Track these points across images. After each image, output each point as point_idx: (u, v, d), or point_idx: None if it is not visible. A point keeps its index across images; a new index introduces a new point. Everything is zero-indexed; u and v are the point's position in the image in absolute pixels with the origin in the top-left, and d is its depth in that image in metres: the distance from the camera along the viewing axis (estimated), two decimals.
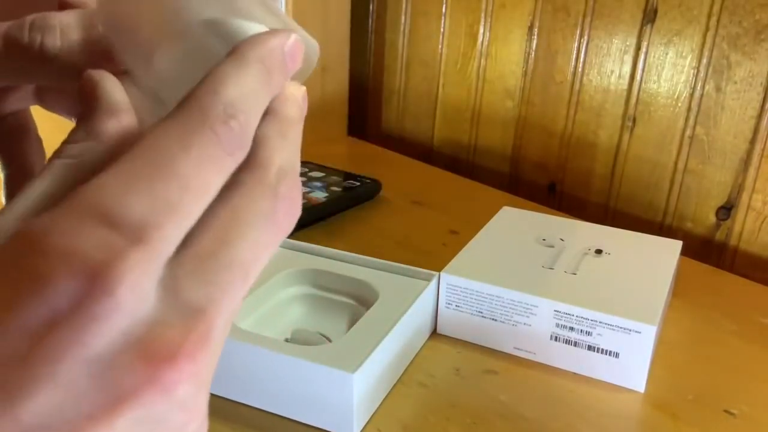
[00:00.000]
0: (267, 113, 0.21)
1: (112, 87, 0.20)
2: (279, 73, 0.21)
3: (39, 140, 0.28)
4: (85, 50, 0.22)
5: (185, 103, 0.19)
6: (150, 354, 0.17)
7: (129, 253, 0.16)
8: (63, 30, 0.22)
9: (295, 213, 0.20)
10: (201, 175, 0.18)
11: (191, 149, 0.18)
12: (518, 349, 0.50)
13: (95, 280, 0.16)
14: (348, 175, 0.78)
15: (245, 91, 0.19)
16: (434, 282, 0.51)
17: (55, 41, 0.22)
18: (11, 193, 0.27)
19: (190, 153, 0.18)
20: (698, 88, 0.70)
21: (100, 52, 0.22)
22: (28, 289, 0.16)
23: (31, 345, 0.16)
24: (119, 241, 0.16)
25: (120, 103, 0.20)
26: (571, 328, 0.47)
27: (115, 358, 0.16)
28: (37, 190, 0.19)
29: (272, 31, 0.21)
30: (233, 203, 0.19)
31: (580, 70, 0.79)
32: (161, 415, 0.17)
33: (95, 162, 0.19)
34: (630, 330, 0.46)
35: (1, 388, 0.15)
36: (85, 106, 0.20)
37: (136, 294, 0.16)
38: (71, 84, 0.22)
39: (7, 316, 0.16)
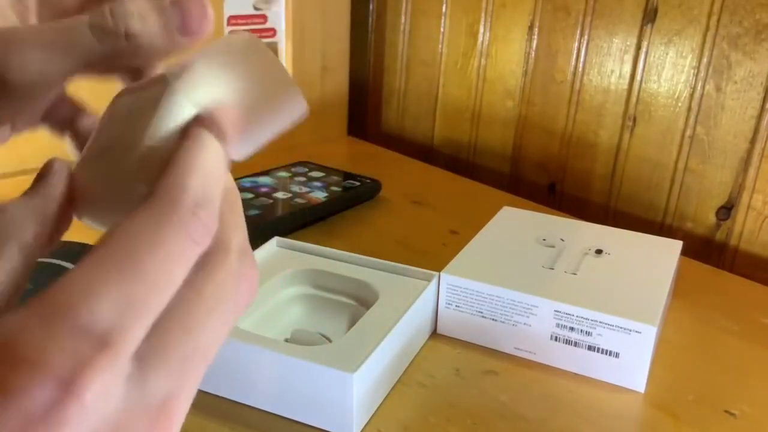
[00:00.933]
0: None
1: (60, 177, 0.22)
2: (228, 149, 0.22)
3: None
4: (163, 32, 0.23)
5: (155, 199, 0.19)
6: None
7: (96, 360, 0.17)
8: (141, 15, 0.23)
9: (254, 290, 0.21)
10: (169, 270, 0.19)
11: (161, 247, 0.18)
12: (518, 349, 0.50)
13: (65, 388, 0.17)
14: (348, 175, 0.78)
15: (209, 177, 0.20)
16: (434, 282, 0.51)
17: (136, 25, 0.23)
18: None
19: (159, 251, 0.18)
20: (698, 87, 0.70)
21: (173, 32, 0.23)
22: (1, 397, 0.16)
23: None
24: (87, 348, 0.17)
25: (61, 195, 0.22)
26: (571, 328, 0.47)
27: None
28: None
29: (217, 109, 0.22)
30: (198, 289, 0.19)
31: (580, 69, 0.79)
32: None
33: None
34: (630, 330, 0.46)
35: None
36: (36, 184, 0.22)
37: (103, 396, 0.17)
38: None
39: None
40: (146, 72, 0.27)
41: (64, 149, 0.29)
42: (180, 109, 0.22)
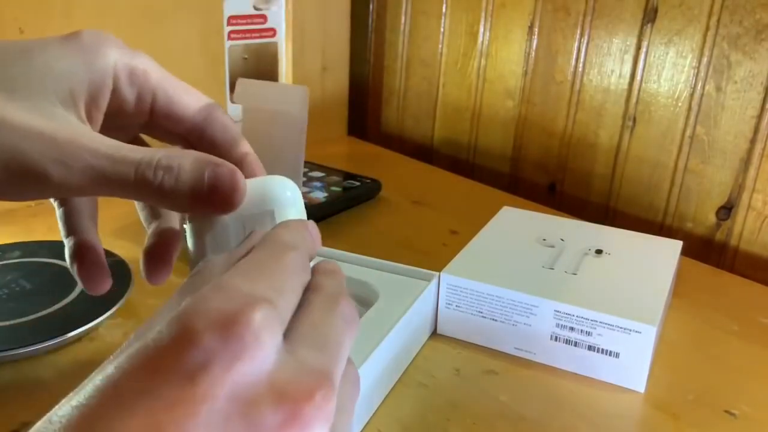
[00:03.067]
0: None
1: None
2: (315, 237, 0.30)
3: (96, 205, 0.35)
4: (189, 194, 0.27)
5: (263, 240, 0.25)
6: (287, 397, 0.20)
7: (260, 306, 0.21)
8: (179, 171, 0.26)
9: (357, 321, 0.26)
10: (289, 277, 0.24)
11: (279, 260, 0.24)
12: (518, 349, 0.50)
13: (238, 324, 0.20)
14: (348, 175, 0.78)
15: (298, 236, 0.27)
16: (434, 282, 0.51)
17: (170, 180, 0.26)
18: (74, 256, 0.32)
19: (279, 263, 0.24)
20: (698, 87, 0.70)
21: (193, 199, 0.27)
22: (185, 342, 0.19)
23: (191, 387, 0.19)
24: (251, 301, 0.21)
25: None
26: (571, 328, 0.47)
27: (258, 399, 0.19)
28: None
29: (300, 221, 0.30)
30: (316, 302, 0.24)
31: (580, 69, 0.79)
32: None
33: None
34: (630, 330, 0.46)
35: (167, 427, 0.18)
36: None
37: (270, 336, 0.20)
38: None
39: (170, 366, 0.19)
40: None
41: None
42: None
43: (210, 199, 0.26)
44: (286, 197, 0.30)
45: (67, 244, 0.34)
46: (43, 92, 0.27)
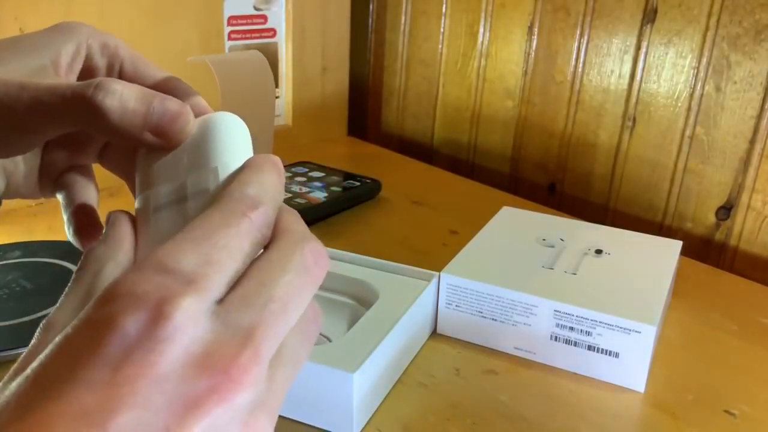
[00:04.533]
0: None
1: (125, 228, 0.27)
2: (282, 176, 0.27)
3: (96, 189, 0.36)
4: (133, 122, 0.27)
5: (222, 197, 0.25)
6: (209, 366, 0.20)
7: (182, 291, 0.21)
8: (122, 97, 0.26)
9: (324, 263, 0.25)
10: (237, 242, 0.23)
11: (230, 226, 0.23)
12: (518, 349, 0.50)
13: (157, 311, 0.20)
14: (348, 175, 0.78)
15: (265, 187, 0.26)
16: (434, 282, 0.51)
17: (112, 103, 0.26)
18: (75, 229, 0.33)
19: (229, 228, 0.23)
20: (698, 88, 0.70)
21: (142, 126, 0.27)
22: (106, 327, 0.20)
23: (113, 372, 0.19)
24: (174, 283, 0.21)
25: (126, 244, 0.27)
26: (571, 328, 0.47)
27: (180, 375, 0.20)
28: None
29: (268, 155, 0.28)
30: (269, 257, 0.24)
31: (580, 70, 0.79)
32: (224, 426, 0.20)
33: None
34: (630, 330, 0.46)
35: (93, 411, 0.19)
36: (109, 233, 0.27)
37: (190, 320, 0.21)
38: (121, 144, 0.29)
39: (92, 352, 0.20)
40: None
41: None
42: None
43: (159, 130, 0.27)
44: (233, 149, 0.27)
45: (66, 214, 0.35)
46: (27, 60, 0.31)
